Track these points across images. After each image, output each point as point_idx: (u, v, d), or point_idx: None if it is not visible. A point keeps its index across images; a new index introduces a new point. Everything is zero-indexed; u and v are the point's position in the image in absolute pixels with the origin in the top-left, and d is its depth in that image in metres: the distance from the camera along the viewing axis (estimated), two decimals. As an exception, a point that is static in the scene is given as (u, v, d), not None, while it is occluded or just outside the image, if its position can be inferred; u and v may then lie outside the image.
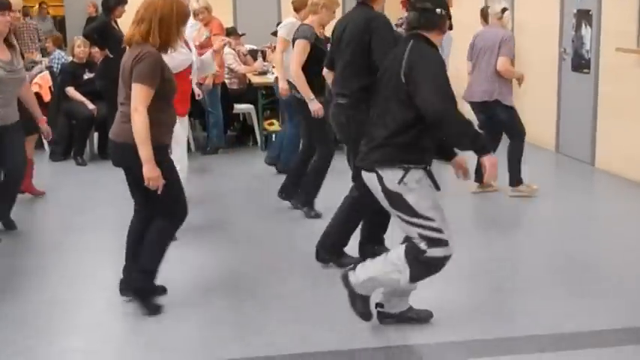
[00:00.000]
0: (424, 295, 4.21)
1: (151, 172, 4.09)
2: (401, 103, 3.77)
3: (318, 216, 6.22)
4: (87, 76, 8.99)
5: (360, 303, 4.03)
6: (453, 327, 4.14)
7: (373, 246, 5.08)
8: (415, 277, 3.87)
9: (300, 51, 6.03)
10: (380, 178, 3.82)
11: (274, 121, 9.76)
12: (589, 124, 8.20)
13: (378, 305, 4.12)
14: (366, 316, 4.05)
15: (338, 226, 5.06)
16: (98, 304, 4.65)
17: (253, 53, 10.61)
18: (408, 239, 3.89)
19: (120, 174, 4.46)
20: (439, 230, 3.79)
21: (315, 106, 6.03)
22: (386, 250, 5.02)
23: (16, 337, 4.11)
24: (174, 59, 5.06)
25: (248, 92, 9.57)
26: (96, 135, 9.46)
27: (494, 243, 5.64)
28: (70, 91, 8.81)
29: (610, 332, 4.08)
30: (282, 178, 6.77)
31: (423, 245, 3.78)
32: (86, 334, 4.19)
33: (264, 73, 9.77)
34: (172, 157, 4.54)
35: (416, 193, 3.78)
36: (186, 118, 5.90)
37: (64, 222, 6.34)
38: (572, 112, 8.53)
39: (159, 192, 4.15)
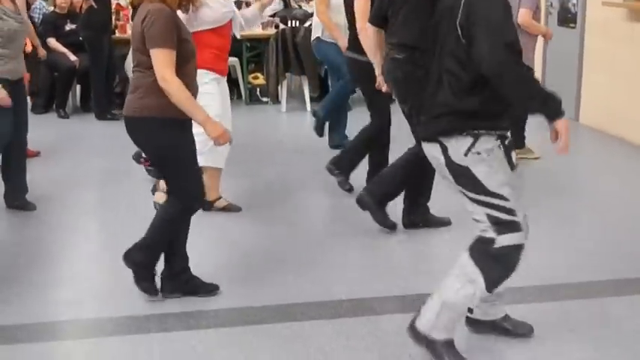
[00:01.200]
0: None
1: (212, 132, 3.63)
2: (459, 61, 3.04)
3: (350, 190, 5.71)
4: (69, 27, 8.88)
5: (445, 352, 3.18)
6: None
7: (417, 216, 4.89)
8: (492, 282, 3.13)
9: (363, 4, 5.27)
10: (444, 149, 3.11)
11: (259, 74, 9.69)
12: (574, 80, 8.19)
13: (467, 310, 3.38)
14: None
15: (397, 177, 4.76)
16: (85, 256, 4.65)
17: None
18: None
19: (103, 127, 4.40)
20: (512, 212, 3.10)
21: (378, 71, 5.03)
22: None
23: (2, 287, 4.11)
24: (216, 11, 4.83)
25: (232, 44, 9.45)
26: (78, 87, 9.37)
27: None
28: (52, 42, 8.69)
29: (592, 284, 4.12)
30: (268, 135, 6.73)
31: (491, 232, 3.10)
32: (72, 286, 4.18)
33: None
34: (211, 113, 3.94)
35: (486, 165, 3.07)
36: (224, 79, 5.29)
37: (48, 176, 6.29)
38: (558, 67, 8.51)
39: (167, 172, 3.81)
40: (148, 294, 3.91)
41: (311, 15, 9.81)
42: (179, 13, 3.82)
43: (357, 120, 6.56)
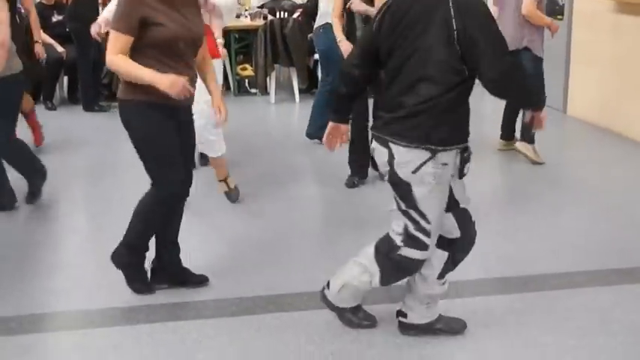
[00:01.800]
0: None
1: (164, 84, 3.45)
2: (447, 68, 3.00)
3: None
4: (55, 18, 8.83)
5: (351, 315, 3.52)
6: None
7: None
8: (387, 280, 3.33)
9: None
10: (391, 158, 3.10)
11: (247, 65, 9.68)
12: (562, 72, 8.22)
13: (399, 314, 3.49)
14: (367, 324, 3.53)
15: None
16: (73, 248, 4.65)
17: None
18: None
19: (91, 119, 4.40)
20: (428, 234, 3.17)
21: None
22: None
23: (-12, 280, 4.11)
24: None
25: (220, 36, 9.45)
26: (65, 79, 9.33)
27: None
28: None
29: (578, 274, 4.15)
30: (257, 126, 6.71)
31: (399, 241, 3.21)
32: (61, 278, 4.18)
33: (237, 16, 9.64)
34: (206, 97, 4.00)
35: (426, 190, 3.09)
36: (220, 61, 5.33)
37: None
38: (546, 59, 8.49)
39: (143, 158, 3.70)
40: (140, 294, 3.89)
41: (299, 6, 9.83)
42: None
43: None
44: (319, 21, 6.91)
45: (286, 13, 9.64)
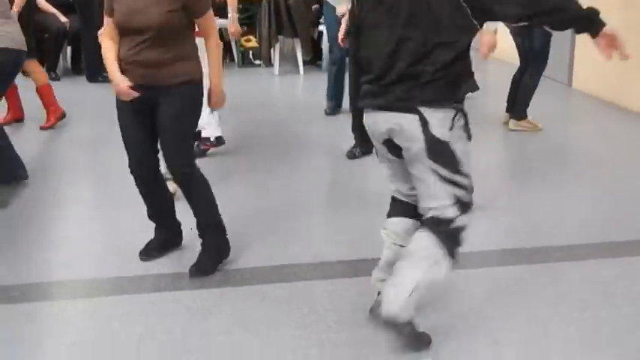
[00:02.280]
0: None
1: (115, 86, 3.71)
2: (456, 26, 2.87)
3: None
4: (59, -13, 8.79)
5: (413, 330, 3.08)
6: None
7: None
8: (454, 259, 3.06)
9: None
10: (425, 124, 2.91)
11: (251, 37, 9.64)
12: (567, 45, 8.17)
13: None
14: (426, 342, 3.15)
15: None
16: (78, 218, 4.67)
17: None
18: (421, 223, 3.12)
19: (94, 90, 4.39)
20: (471, 191, 3.06)
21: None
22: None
23: (-7, 249, 4.14)
24: None
25: (224, 7, 9.39)
26: (69, 49, 9.31)
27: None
28: (42, 2, 8.60)
29: (581, 247, 4.16)
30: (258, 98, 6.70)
31: (450, 212, 3.01)
32: (66, 248, 4.20)
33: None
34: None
35: (462, 144, 3.00)
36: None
37: (38, 139, 6.27)
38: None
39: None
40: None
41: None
42: None
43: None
44: None
45: (291, -16, 9.58)
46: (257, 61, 9.75)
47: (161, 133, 3.73)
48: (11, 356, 3.07)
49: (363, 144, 5.63)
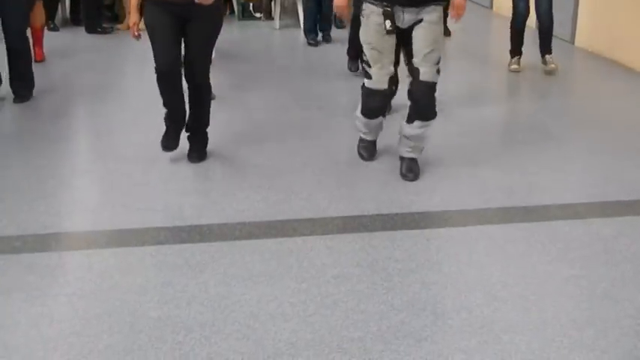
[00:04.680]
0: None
1: (129, 20, 4.44)
2: None
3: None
4: None
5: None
6: (430, 196, 4.21)
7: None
8: None
9: None
10: (442, 12, 4.26)
11: (252, -11, 9.53)
12: (571, 2, 8.08)
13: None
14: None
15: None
16: (78, 169, 4.66)
17: None
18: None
19: (93, 40, 4.37)
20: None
21: None
22: None
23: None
24: None
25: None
26: (68, 0, 9.20)
27: (470, 113, 5.66)
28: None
29: (579, 205, 4.16)
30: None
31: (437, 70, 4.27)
32: (66, 199, 4.20)
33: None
34: None
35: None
36: None
37: (37, 88, 6.22)
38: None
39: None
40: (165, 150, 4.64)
41: None
42: None
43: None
44: None
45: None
46: (257, 14, 9.65)
47: (193, 49, 4.41)
48: (10, 306, 3.09)
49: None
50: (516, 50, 6.94)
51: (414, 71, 4.22)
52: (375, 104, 4.45)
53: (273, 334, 2.91)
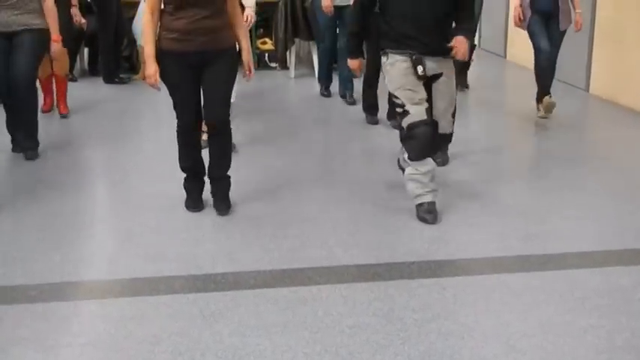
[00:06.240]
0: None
1: (146, 70, 4.37)
2: None
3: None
4: (76, -11, 8.79)
5: None
6: (437, 246, 4.18)
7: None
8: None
9: None
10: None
11: (267, 39, 9.64)
12: (585, 50, 8.12)
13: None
14: None
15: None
16: (93, 218, 4.67)
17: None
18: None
19: (111, 91, 4.42)
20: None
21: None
22: None
23: (9, 248, 4.13)
24: None
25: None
26: (86, 50, 9.33)
27: (486, 163, 5.65)
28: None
29: (597, 254, 4.12)
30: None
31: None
32: (81, 248, 4.21)
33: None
34: None
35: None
36: None
37: (55, 140, 6.29)
38: (568, 36, 8.43)
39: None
40: (189, 209, 4.68)
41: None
42: None
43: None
44: None
45: (307, -13, 9.58)
46: (273, 64, 9.75)
47: (214, 91, 4.43)
48: (25, 356, 3.08)
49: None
50: (547, 88, 6.77)
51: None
52: (420, 137, 4.40)
53: (288, 386, 2.88)
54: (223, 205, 4.65)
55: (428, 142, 4.44)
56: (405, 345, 3.14)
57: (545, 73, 6.71)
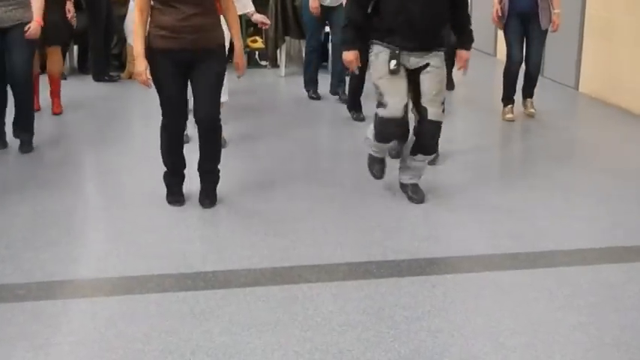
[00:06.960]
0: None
1: (136, 67, 4.38)
2: None
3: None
4: (66, -14, 8.75)
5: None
6: (435, 243, 4.19)
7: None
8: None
9: None
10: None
11: (257, 38, 9.63)
12: (575, 48, 8.14)
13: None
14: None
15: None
16: (83, 217, 4.66)
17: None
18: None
19: (100, 89, 4.40)
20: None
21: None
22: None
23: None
24: None
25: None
26: (75, 48, 9.30)
27: (475, 162, 5.66)
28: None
29: (586, 251, 4.13)
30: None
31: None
32: (70, 246, 4.20)
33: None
34: None
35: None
36: None
37: (45, 137, 6.26)
38: (558, 34, 8.46)
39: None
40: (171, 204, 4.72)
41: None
42: None
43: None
44: None
45: (297, -15, 9.57)
46: (263, 62, 9.74)
47: (204, 89, 4.45)
48: (14, 356, 3.06)
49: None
50: (510, 98, 6.97)
51: (422, 111, 4.57)
52: (390, 131, 4.59)
53: (279, 384, 2.88)
54: (208, 200, 4.70)
55: (393, 136, 4.68)
56: (396, 342, 3.14)
57: (510, 82, 6.89)
